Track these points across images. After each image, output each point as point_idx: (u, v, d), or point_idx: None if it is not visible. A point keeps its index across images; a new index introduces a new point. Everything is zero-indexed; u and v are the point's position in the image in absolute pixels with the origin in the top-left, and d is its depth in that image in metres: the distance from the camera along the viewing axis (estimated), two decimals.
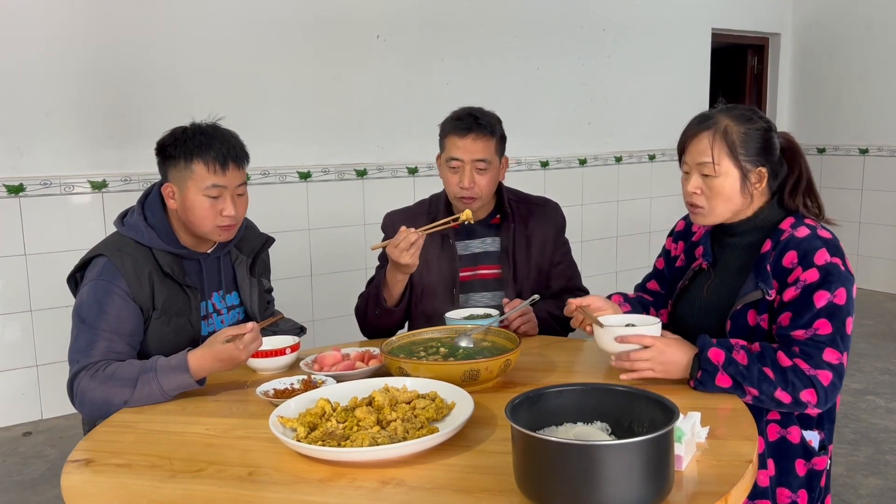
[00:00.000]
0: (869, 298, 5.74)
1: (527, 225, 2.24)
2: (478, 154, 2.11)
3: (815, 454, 1.65)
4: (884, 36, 5.83)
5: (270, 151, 4.11)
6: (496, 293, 2.22)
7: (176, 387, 1.66)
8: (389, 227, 2.27)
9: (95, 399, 1.68)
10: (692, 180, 1.68)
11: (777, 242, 1.62)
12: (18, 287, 3.61)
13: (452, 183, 2.15)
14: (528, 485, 1.11)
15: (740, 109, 1.69)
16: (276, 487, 1.24)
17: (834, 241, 1.61)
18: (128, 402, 1.65)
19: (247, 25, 4.03)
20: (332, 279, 4.33)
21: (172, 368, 1.66)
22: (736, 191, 1.65)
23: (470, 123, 2.13)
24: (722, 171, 1.64)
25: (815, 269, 1.55)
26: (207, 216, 1.82)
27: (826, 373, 1.51)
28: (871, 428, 3.39)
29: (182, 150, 1.82)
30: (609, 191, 5.53)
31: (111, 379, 1.67)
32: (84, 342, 1.74)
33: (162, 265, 1.83)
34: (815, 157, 6.27)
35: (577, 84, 5.30)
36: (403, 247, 1.92)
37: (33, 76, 3.55)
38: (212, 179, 1.81)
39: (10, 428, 3.62)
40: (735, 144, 1.63)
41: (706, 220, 1.72)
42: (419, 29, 4.57)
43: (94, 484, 1.30)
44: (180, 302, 1.86)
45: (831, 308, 1.53)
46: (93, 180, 3.71)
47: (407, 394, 1.49)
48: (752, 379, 1.52)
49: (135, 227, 1.86)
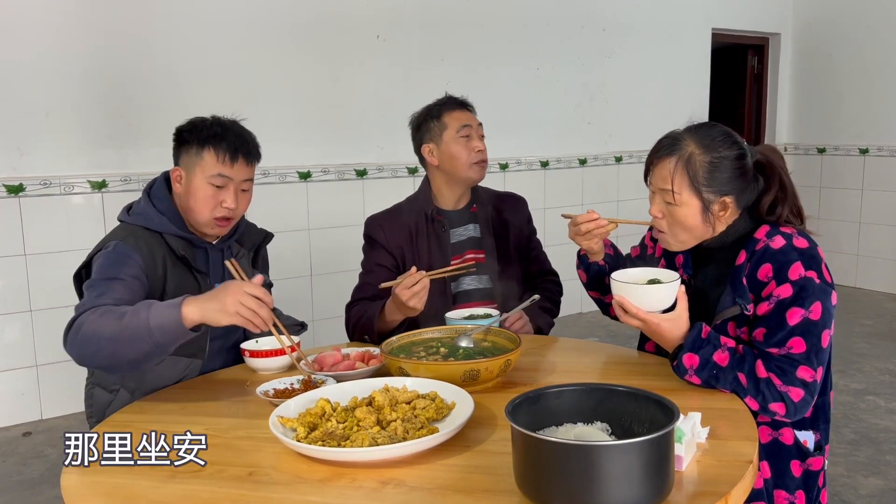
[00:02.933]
0: (869, 298, 5.74)
1: (500, 213, 2.34)
2: (477, 122, 2.30)
3: (811, 454, 1.65)
4: (884, 36, 5.82)
5: (270, 151, 4.06)
6: (482, 276, 2.27)
7: (161, 323, 1.51)
8: (377, 231, 2.25)
9: (87, 332, 1.56)
10: (655, 204, 1.67)
11: (752, 253, 1.58)
12: (18, 287, 3.61)
13: (468, 150, 2.24)
14: (528, 485, 1.11)
15: (712, 134, 1.62)
16: (276, 487, 1.24)
17: (810, 250, 1.56)
18: (111, 335, 1.53)
19: (247, 25, 4.04)
20: (332, 279, 4.33)
21: (165, 305, 1.55)
22: (697, 221, 1.62)
23: (460, 101, 2.30)
24: (682, 201, 1.60)
25: (789, 285, 1.52)
26: (207, 204, 1.83)
27: (798, 390, 1.50)
28: (871, 428, 3.39)
29: (197, 136, 1.85)
30: (609, 191, 5.53)
31: (109, 312, 1.58)
32: (94, 294, 1.67)
33: (175, 249, 1.84)
34: (815, 157, 6.27)
35: (577, 84, 5.30)
36: (417, 289, 1.88)
37: (33, 76, 3.55)
38: (219, 169, 1.83)
39: (10, 428, 3.62)
40: (697, 175, 1.58)
41: (670, 246, 1.70)
42: (419, 29, 4.57)
43: (94, 484, 1.29)
44: (191, 287, 1.86)
45: (805, 325, 1.51)
46: (93, 180, 3.71)
47: (407, 394, 1.49)
48: (725, 381, 1.53)
49: (144, 214, 1.87)
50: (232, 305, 1.52)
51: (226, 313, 1.53)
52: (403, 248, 2.22)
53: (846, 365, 4.22)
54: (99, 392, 1.90)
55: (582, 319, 4.81)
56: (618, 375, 1.72)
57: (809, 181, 6.32)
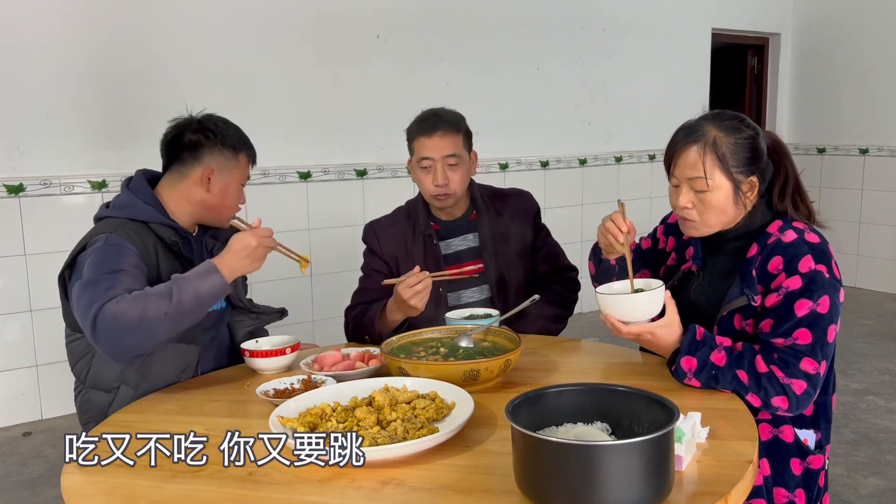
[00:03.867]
0: (869, 298, 5.74)
1: (503, 217, 2.27)
2: (447, 150, 2.13)
3: (811, 453, 1.65)
4: (884, 36, 5.82)
5: (270, 151, 4.09)
6: (483, 286, 2.24)
7: (210, 290, 1.65)
8: (372, 239, 2.26)
9: (129, 318, 1.57)
10: (683, 195, 1.65)
11: (764, 246, 1.61)
12: (18, 287, 3.61)
13: (427, 182, 2.15)
14: (528, 485, 1.11)
15: (727, 118, 1.65)
16: (276, 487, 1.24)
17: (821, 245, 1.58)
18: (168, 312, 1.59)
19: (247, 25, 4.04)
20: (332, 279, 4.32)
21: (200, 274, 1.67)
22: (729, 203, 1.63)
23: (435, 122, 2.14)
24: (714, 185, 1.61)
25: (799, 277, 1.53)
26: (234, 204, 1.95)
27: (801, 382, 1.50)
28: (871, 428, 3.39)
29: (232, 139, 1.92)
30: (609, 191, 5.53)
31: (142, 297, 1.60)
32: (103, 287, 1.64)
33: (163, 237, 1.85)
34: (815, 157, 6.27)
35: (577, 84, 5.30)
36: (419, 289, 1.90)
37: (33, 76, 3.55)
38: (248, 171, 1.98)
39: (10, 428, 3.62)
40: (725, 157, 1.60)
41: (699, 232, 1.70)
42: (419, 29, 4.57)
43: (94, 484, 1.29)
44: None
45: (813, 317, 1.51)
46: (93, 180, 3.71)
47: (407, 394, 1.49)
48: (724, 381, 1.53)
49: (129, 205, 1.87)
50: (259, 250, 1.73)
51: (256, 258, 1.73)
52: (398, 256, 2.21)
53: (846, 365, 4.22)
54: (95, 395, 1.87)
55: (582, 319, 4.81)
56: (618, 375, 1.72)
57: (809, 181, 6.28)
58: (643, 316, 1.60)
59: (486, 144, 5.05)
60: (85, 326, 1.64)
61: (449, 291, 2.22)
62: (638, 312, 1.59)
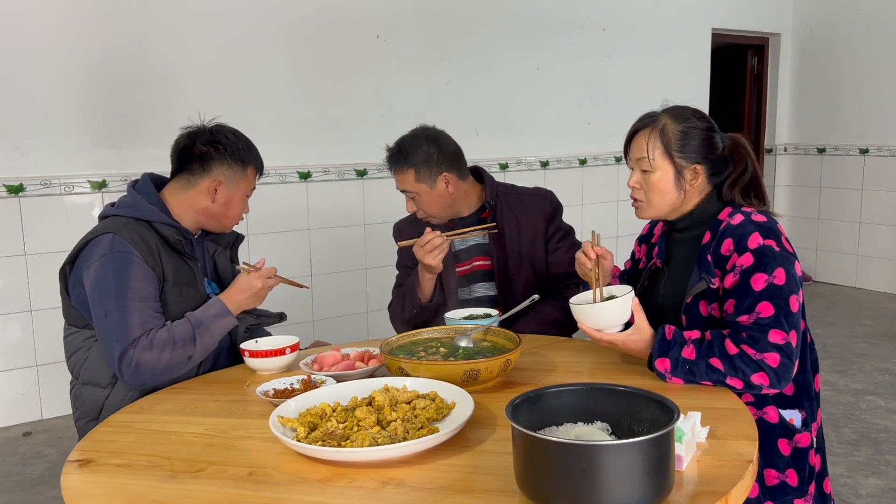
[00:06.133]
0: (869, 298, 5.74)
1: (516, 215, 2.29)
2: (400, 186, 2.24)
3: (798, 431, 1.68)
4: (884, 36, 5.82)
5: (270, 151, 4.07)
6: (490, 283, 2.30)
7: (223, 330, 1.87)
8: (397, 235, 2.40)
9: (158, 366, 1.76)
10: (633, 175, 1.79)
11: (716, 232, 1.69)
12: (18, 287, 3.61)
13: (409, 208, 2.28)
14: (529, 485, 1.11)
15: (682, 110, 1.78)
16: (276, 487, 1.24)
17: (768, 224, 1.65)
18: (192, 357, 1.81)
19: (247, 25, 4.03)
20: (332, 279, 4.33)
21: (216, 317, 1.86)
22: (671, 186, 1.73)
23: (389, 158, 2.23)
24: (657, 167, 1.73)
25: (750, 254, 1.60)
26: (238, 214, 2.02)
27: (773, 355, 1.54)
28: (871, 428, 3.39)
29: (241, 152, 1.96)
30: (609, 191, 5.53)
31: (169, 344, 1.77)
32: (117, 319, 1.76)
33: (167, 237, 1.88)
34: (815, 157, 6.27)
35: (577, 84, 5.30)
36: (428, 248, 2.08)
37: (33, 76, 3.55)
38: (254, 183, 2.04)
39: (9, 428, 3.62)
40: (670, 142, 1.72)
41: (645, 213, 1.80)
42: (419, 29, 4.57)
43: (94, 484, 1.29)
44: (187, 273, 1.91)
45: (771, 289, 1.57)
46: (92, 180, 3.71)
47: (407, 394, 1.49)
48: (700, 373, 1.57)
49: (134, 204, 1.91)
50: (263, 291, 1.94)
51: (260, 298, 1.95)
52: None
53: (846, 365, 4.22)
54: (89, 391, 1.89)
55: None
56: (618, 375, 1.72)
57: (809, 181, 6.32)
58: (615, 321, 1.66)
59: (486, 144, 5.07)
60: (110, 361, 1.78)
61: (459, 286, 2.29)
62: (609, 319, 1.65)
